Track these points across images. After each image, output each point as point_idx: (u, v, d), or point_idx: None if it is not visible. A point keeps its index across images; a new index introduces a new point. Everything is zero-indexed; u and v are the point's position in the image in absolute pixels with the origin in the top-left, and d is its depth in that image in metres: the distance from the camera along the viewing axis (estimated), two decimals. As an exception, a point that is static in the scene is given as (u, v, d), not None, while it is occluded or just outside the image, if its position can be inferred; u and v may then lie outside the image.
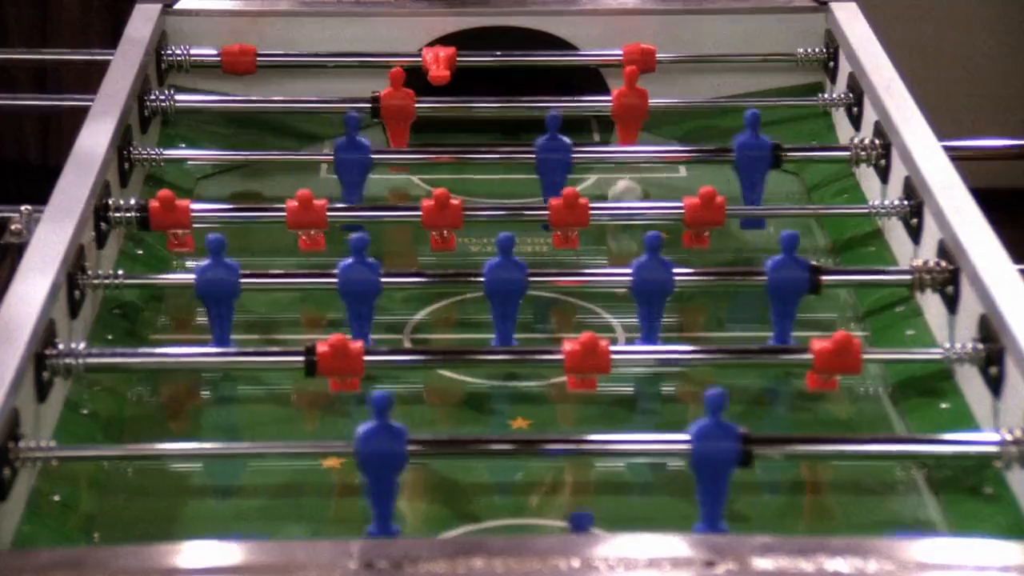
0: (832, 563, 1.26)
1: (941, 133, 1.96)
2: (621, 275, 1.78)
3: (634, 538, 1.36)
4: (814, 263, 1.77)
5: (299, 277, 1.90)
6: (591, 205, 1.93)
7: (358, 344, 1.62)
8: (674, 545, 1.32)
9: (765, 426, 1.72)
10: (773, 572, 1.26)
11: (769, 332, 1.76)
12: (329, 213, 1.93)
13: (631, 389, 1.82)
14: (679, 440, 1.49)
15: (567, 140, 2.02)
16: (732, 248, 2.05)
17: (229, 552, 1.32)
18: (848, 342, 1.63)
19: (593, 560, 1.28)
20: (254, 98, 2.26)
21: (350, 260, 1.73)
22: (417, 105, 2.22)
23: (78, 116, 2.08)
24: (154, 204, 1.90)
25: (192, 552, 1.34)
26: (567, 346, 1.62)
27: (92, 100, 2.06)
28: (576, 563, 1.27)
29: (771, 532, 1.36)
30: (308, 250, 1.93)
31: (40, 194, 1.86)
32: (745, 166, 2.01)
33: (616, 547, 1.32)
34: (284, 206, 1.91)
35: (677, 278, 1.75)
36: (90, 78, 2.43)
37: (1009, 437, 1.47)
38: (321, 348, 1.62)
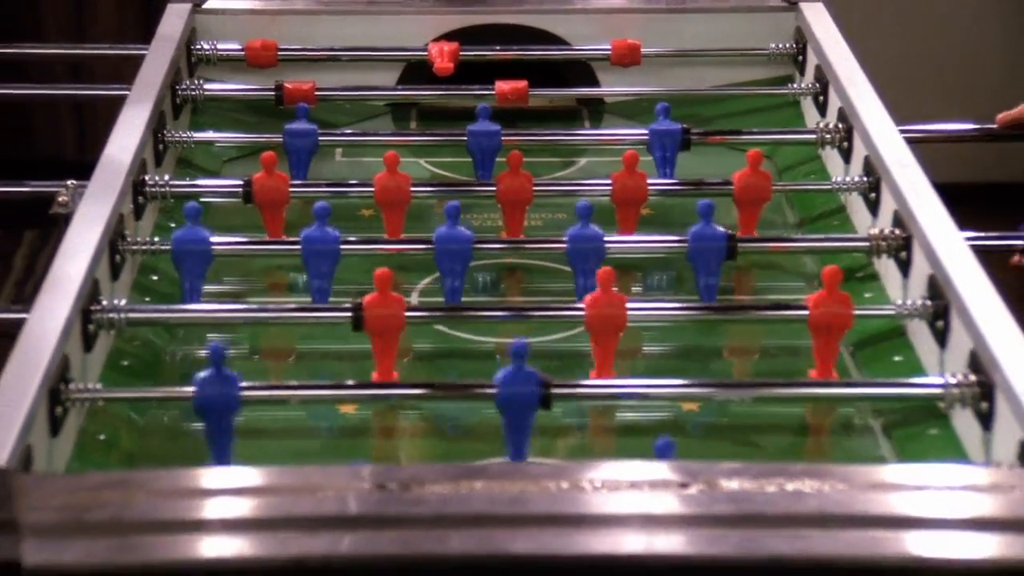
0: (792, 484, 1.32)
1: (899, 118, 2.00)
2: (557, 242, 1.83)
3: (617, 464, 1.40)
4: (730, 232, 1.82)
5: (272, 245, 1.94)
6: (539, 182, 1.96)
7: (400, 300, 1.65)
8: (653, 470, 1.36)
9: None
10: (739, 491, 1.32)
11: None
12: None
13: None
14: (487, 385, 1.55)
15: (497, 126, 2.04)
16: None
17: (254, 476, 1.39)
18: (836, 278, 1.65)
19: (580, 482, 1.33)
20: (274, 89, 2.26)
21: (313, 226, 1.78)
22: (427, 92, 2.28)
23: (112, 112, 2.09)
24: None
25: (221, 475, 1.41)
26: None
27: (127, 91, 2.09)
28: (565, 484, 1.32)
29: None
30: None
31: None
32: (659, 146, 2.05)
33: (601, 472, 1.36)
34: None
35: (608, 245, 1.80)
36: (122, 73, 2.45)
37: (952, 380, 1.53)
38: (368, 304, 1.64)
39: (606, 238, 1.80)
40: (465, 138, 2.07)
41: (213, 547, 1.30)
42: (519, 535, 1.27)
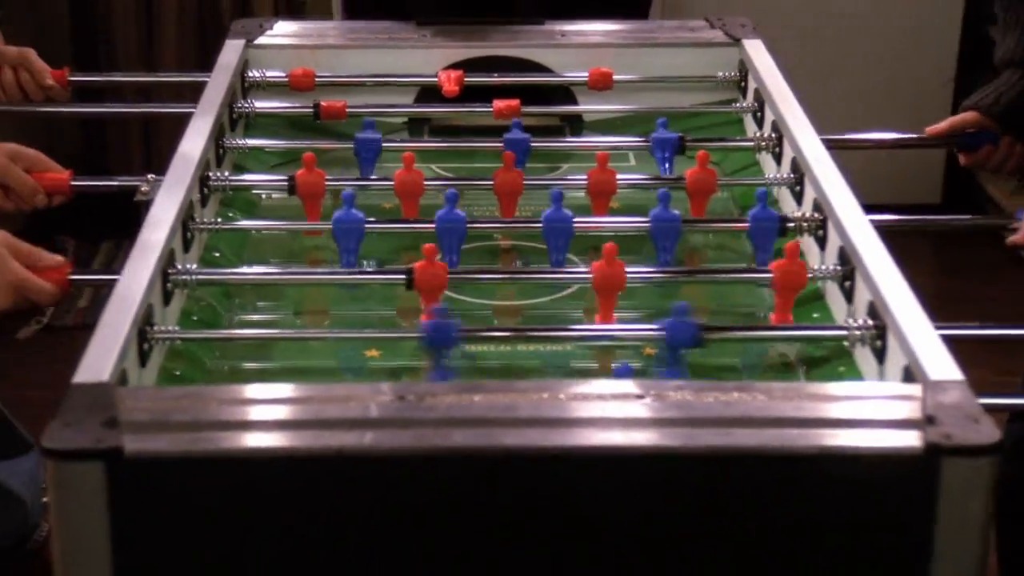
0: (724, 396, 1.41)
1: (820, 129, 2.04)
2: (535, 223, 1.88)
3: (587, 382, 1.49)
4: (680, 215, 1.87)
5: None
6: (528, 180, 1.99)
7: (443, 266, 1.72)
8: (615, 386, 1.46)
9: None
10: (683, 401, 1.42)
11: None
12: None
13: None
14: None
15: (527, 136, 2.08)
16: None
17: (297, 390, 1.47)
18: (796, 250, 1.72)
19: (558, 395, 1.43)
20: (312, 107, 2.27)
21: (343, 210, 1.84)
22: (438, 110, 2.32)
23: (174, 132, 2.11)
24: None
25: (272, 389, 1.49)
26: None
27: (192, 108, 2.12)
28: (546, 395, 1.42)
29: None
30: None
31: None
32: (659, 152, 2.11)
33: (574, 387, 1.45)
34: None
35: (578, 225, 1.86)
36: (183, 97, 2.51)
37: (855, 325, 1.62)
38: (418, 268, 1.71)
39: (576, 219, 1.85)
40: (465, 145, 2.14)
41: (267, 439, 1.39)
42: (509, 433, 1.36)
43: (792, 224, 1.88)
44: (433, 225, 1.86)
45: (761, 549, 1.38)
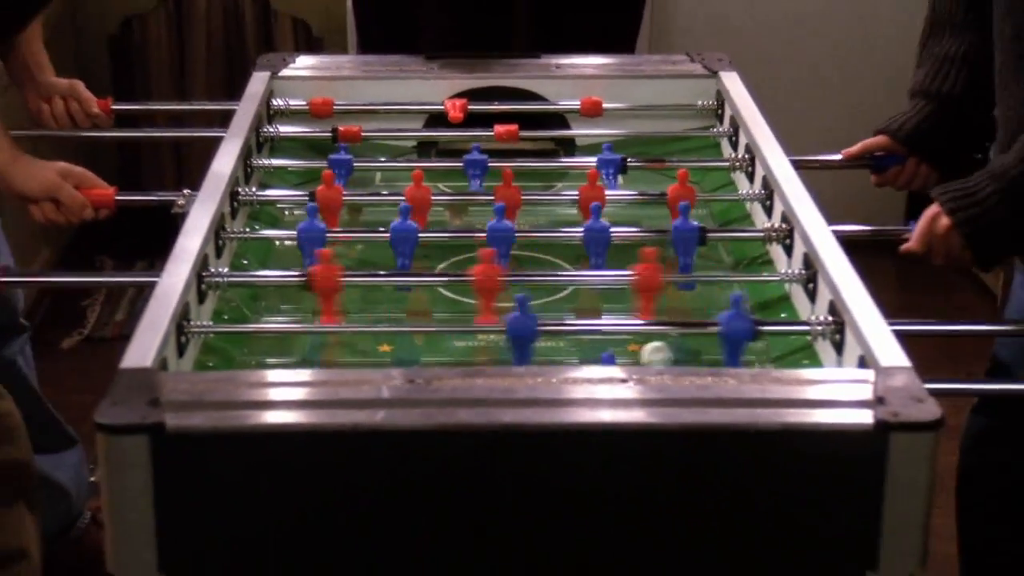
0: (699, 381, 1.45)
1: (789, 151, 2.06)
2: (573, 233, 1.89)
3: (575, 367, 1.57)
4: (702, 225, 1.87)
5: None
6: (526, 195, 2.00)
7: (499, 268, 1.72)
8: (602, 371, 1.50)
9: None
10: (662, 384, 1.45)
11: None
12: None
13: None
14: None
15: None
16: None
17: (317, 375, 1.52)
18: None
19: (551, 379, 1.46)
20: (331, 132, 2.28)
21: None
22: (444, 134, 2.33)
23: (203, 154, 2.13)
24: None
25: (289, 375, 1.54)
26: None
27: (223, 133, 2.14)
28: (540, 380, 1.45)
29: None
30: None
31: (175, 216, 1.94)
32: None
33: (565, 372, 1.49)
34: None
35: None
36: (212, 121, 2.54)
37: (817, 321, 1.65)
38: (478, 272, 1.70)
39: (612, 228, 1.86)
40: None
41: (291, 417, 1.43)
42: (507, 412, 1.39)
43: (764, 235, 1.91)
44: (473, 234, 1.91)
45: (733, 513, 1.40)
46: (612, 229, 1.87)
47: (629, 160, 2.16)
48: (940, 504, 2.19)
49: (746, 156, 2.15)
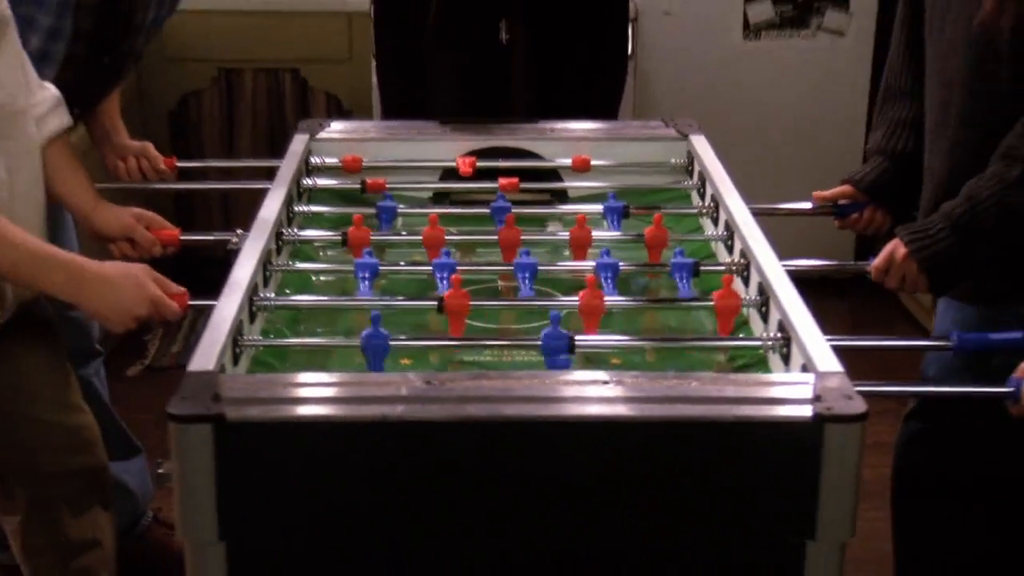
0: (669, 382, 1.49)
1: (749, 199, 2.08)
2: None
3: (564, 372, 1.59)
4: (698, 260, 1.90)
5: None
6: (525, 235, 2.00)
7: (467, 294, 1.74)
8: (589, 375, 1.54)
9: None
10: (639, 384, 1.49)
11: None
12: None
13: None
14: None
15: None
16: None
17: (346, 378, 1.54)
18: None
19: (545, 381, 1.50)
20: (359, 184, 2.29)
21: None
22: (456, 187, 2.31)
23: (249, 203, 2.14)
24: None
25: (326, 377, 1.57)
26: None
27: (269, 184, 2.15)
28: (535, 382, 1.50)
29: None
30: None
31: (226, 259, 1.90)
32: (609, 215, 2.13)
33: (558, 376, 1.53)
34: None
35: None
36: (256, 176, 2.51)
37: (769, 336, 1.70)
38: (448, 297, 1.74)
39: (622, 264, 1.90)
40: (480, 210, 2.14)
41: (328, 410, 1.48)
42: (508, 406, 1.44)
43: (725, 268, 1.94)
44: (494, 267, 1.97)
45: (696, 491, 1.44)
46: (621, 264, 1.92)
47: (630, 208, 2.19)
48: (882, 507, 2.22)
49: (712, 204, 2.18)
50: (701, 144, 2.39)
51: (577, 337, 1.67)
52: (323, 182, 2.35)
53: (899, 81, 2.19)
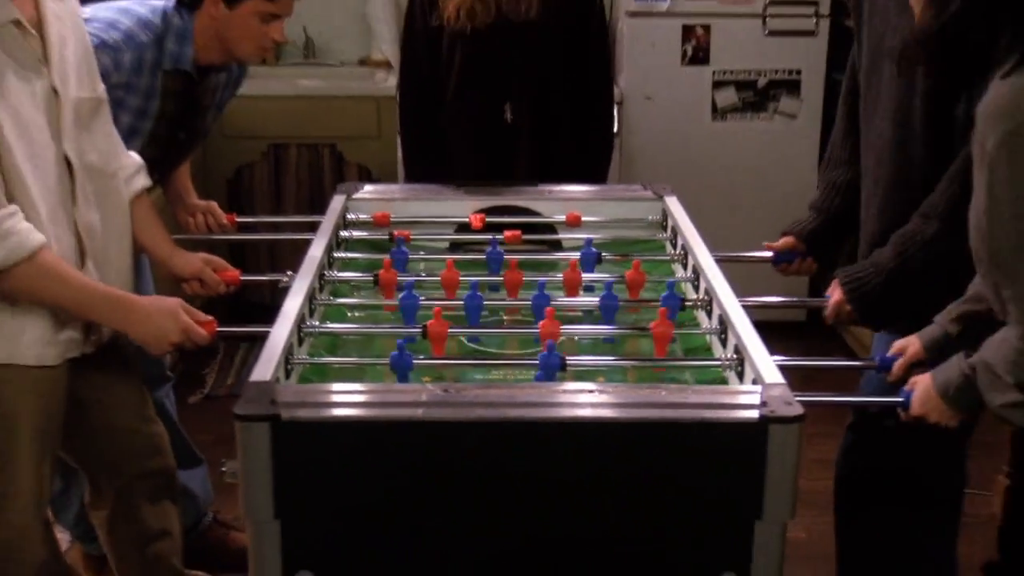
0: (643, 392, 1.56)
1: (713, 248, 2.12)
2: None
3: (558, 383, 1.65)
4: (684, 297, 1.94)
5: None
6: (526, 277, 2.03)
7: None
8: (579, 386, 1.59)
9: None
10: (620, 392, 1.56)
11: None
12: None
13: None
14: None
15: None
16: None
17: (377, 387, 1.61)
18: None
19: (541, 390, 1.58)
20: (388, 236, 2.30)
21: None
22: (469, 237, 2.31)
23: (293, 251, 2.19)
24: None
25: (361, 387, 1.61)
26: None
27: (312, 235, 2.18)
28: (533, 390, 1.57)
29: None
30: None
31: (272, 299, 1.96)
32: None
33: (552, 386, 1.60)
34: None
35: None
36: (298, 229, 2.50)
37: (727, 358, 1.76)
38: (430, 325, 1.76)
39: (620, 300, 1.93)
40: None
41: (362, 412, 1.54)
42: (512, 410, 1.51)
43: (693, 303, 1.99)
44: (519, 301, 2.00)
45: (665, 478, 1.50)
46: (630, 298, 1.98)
47: (603, 254, 2.23)
48: (829, 513, 2.22)
49: (682, 252, 2.24)
50: (674, 204, 2.43)
51: (568, 358, 1.73)
52: (357, 233, 2.39)
53: (839, 150, 2.24)
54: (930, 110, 1.89)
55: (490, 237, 2.26)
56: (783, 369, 1.64)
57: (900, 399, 1.71)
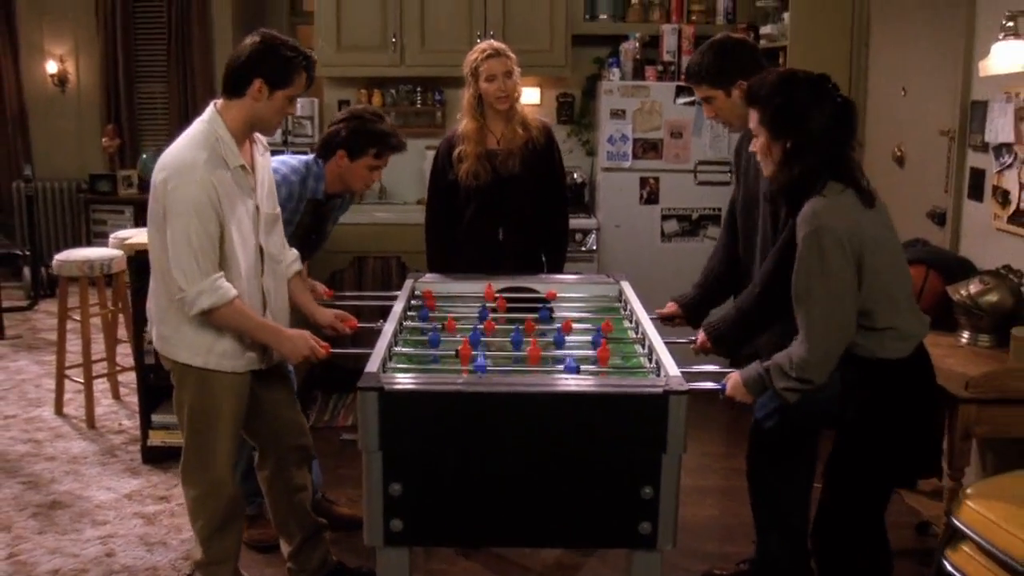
0: (600, 377, 1.79)
1: (650, 310, 2.33)
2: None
3: (550, 373, 1.86)
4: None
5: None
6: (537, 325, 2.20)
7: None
8: (559, 373, 1.82)
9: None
10: (575, 380, 1.77)
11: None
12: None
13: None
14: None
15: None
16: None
17: (438, 375, 1.77)
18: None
19: (542, 376, 1.81)
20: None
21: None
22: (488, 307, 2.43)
23: (371, 314, 2.34)
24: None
25: (429, 375, 1.79)
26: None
27: (392, 302, 2.38)
28: (537, 375, 1.79)
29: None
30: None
31: (355, 363, 2.00)
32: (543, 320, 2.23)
33: (543, 375, 1.82)
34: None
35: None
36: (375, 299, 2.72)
37: (648, 364, 1.97)
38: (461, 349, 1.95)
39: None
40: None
41: (429, 386, 1.76)
42: (516, 385, 1.78)
43: (632, 337, 2.22)
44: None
45: (603, 427, 1.76)
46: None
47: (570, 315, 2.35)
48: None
49: (634, 318, 2.40)
50: (627, 286, 2.65)
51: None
52: (416, 302, 2.58)
53: (718, 253, 2.50)
54: (776, 224, 2.23)
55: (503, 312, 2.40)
56: (684, 375, 1.93)
57: (719, 386, 1.99)
